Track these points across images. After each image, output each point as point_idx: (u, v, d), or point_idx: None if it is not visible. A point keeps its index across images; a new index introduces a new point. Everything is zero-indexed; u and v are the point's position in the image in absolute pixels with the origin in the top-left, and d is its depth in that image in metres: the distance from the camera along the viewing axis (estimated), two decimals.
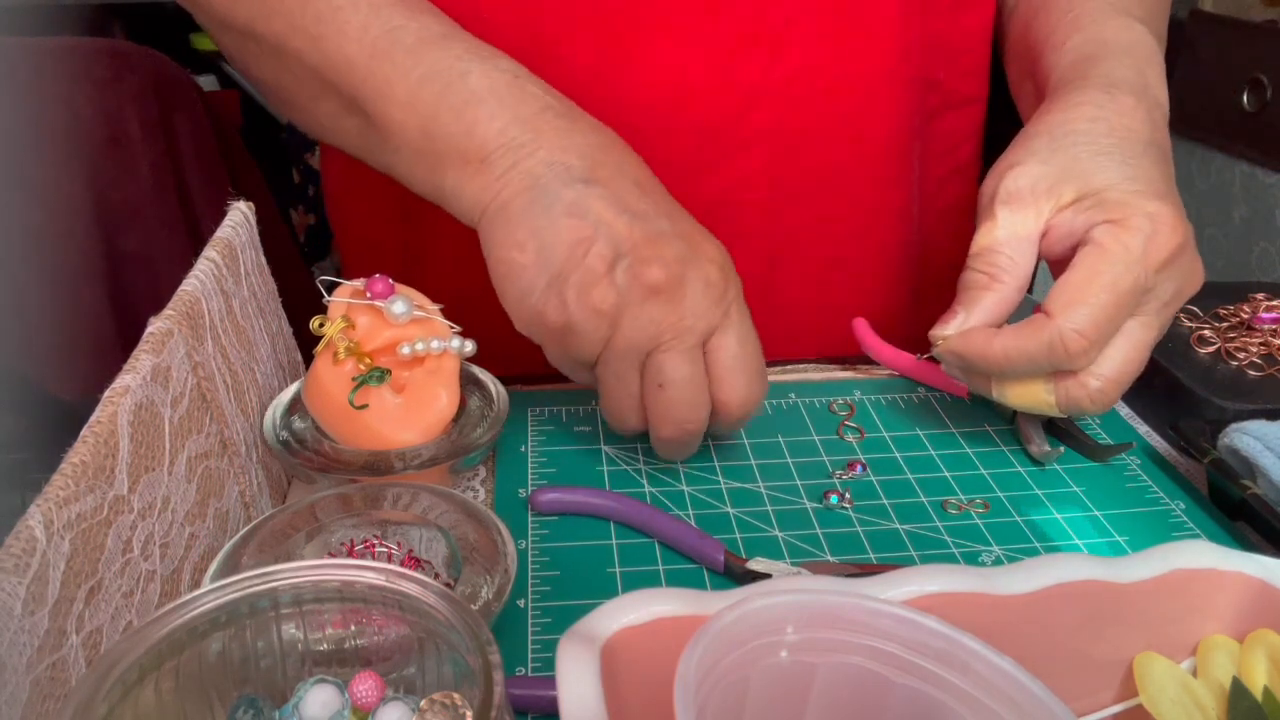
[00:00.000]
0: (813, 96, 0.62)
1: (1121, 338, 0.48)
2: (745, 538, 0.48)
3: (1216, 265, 1.44)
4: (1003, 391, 0.51)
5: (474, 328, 0.50)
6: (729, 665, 0.27)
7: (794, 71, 0.61)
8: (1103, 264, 0.46)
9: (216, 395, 0.43)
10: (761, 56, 0.60)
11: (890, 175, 0.66)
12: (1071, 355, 0.46)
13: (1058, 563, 0.33)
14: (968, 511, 0.51)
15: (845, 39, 0.61)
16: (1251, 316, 0.63)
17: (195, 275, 0.43)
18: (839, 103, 0.62)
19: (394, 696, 0.31)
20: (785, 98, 0.61)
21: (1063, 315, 0.46)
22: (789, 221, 0.65)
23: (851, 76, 0.62)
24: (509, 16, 0.58)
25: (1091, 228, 0.47)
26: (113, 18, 2.00)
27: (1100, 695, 0.35)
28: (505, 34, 0.57)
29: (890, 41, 0.62)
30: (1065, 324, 0.46)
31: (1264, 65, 1.32)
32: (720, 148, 0.61)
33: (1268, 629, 0.33)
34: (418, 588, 0.31)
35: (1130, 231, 0.46)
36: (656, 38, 0.59)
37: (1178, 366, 0.58)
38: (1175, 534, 0.50)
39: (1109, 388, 0.48)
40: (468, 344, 0.49)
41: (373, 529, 0.44)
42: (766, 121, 0.61)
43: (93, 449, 0.33)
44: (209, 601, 0.30)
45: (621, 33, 0.58)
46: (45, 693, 0.29)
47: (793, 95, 0.61)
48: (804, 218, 0.65)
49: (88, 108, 1.10)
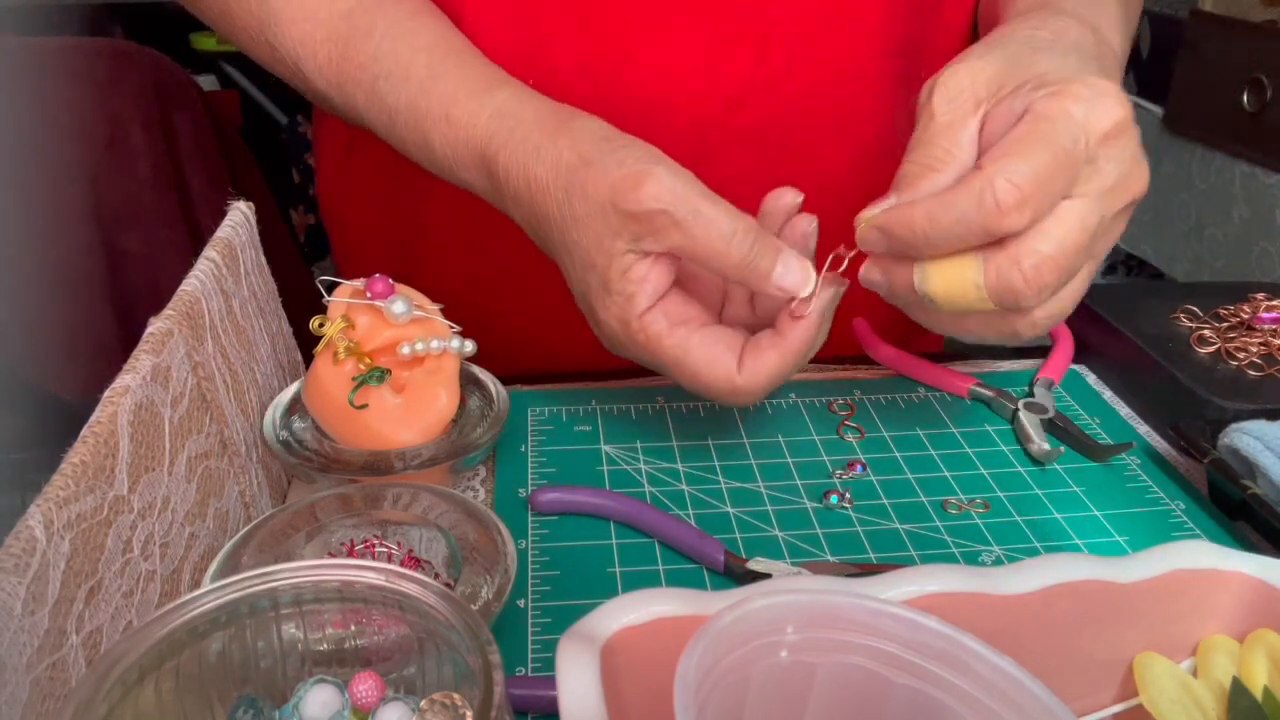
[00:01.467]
0: (800, 94, 0.62)
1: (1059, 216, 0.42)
2: (745, 538, 0.48)
3: (1216, 265, 1.44)
4: (925, 277, 0.44)
5: (474, 328, 0.50)
6: (729, 665, 0.27)
7: (781, 69, 0.61)
8: (1039, 121, 0.42)
9: (216, 395, 0.43)
10: (748, 55, 0.60)
11: (878, 171, 0.66)
12: (1003, 210, 0.40)
13: (1058, 563, 0.33)
14: (968, 511, 0.51)
15: (831, 37, 0.61)
16: (1251, 316, 0.63)
17: (195, 275, 0.43)
18: (827, 100, 0.62)
19: (394, 696, 0.31)
20: (773, 95, 0.61)
21: (993, 165, 0.41)
22: None
23: (838, 74, 0.62)
24: (497, 17, 0.58)
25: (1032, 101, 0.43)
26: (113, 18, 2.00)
27: (1100, 695, 0.35)
28: (494, 34, 0.57)
29: (875, 39, 0.62)
30: (997, 174, 0.40)
31: (1264, 65, 1.32)
32: (709, 145, 0.61)
33: (1268, 629, 0.33)
34: (418, 588, 0.31)
35: (1070, 98, 0.42)
36: (644, 37, 0.59)
37: (1178, 366, 0.58)
38: (1175, 534, 0.50)
39: (1045, 266, 0.42)
40: (468, 344, 0.49)
41: (373, 529, 0.44)
42: (755, 119, 0.61)
43: (93, 449, 0.33)
44: (209, 601, 0.30)
45: (609, 32, 0.58)
46: (45, 693, 0.29)
47: (781, 93, 0.61)
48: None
49: (88, 108, 1.10)
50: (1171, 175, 1.52)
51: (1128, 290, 0.83)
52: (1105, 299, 0.65)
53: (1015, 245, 0.42)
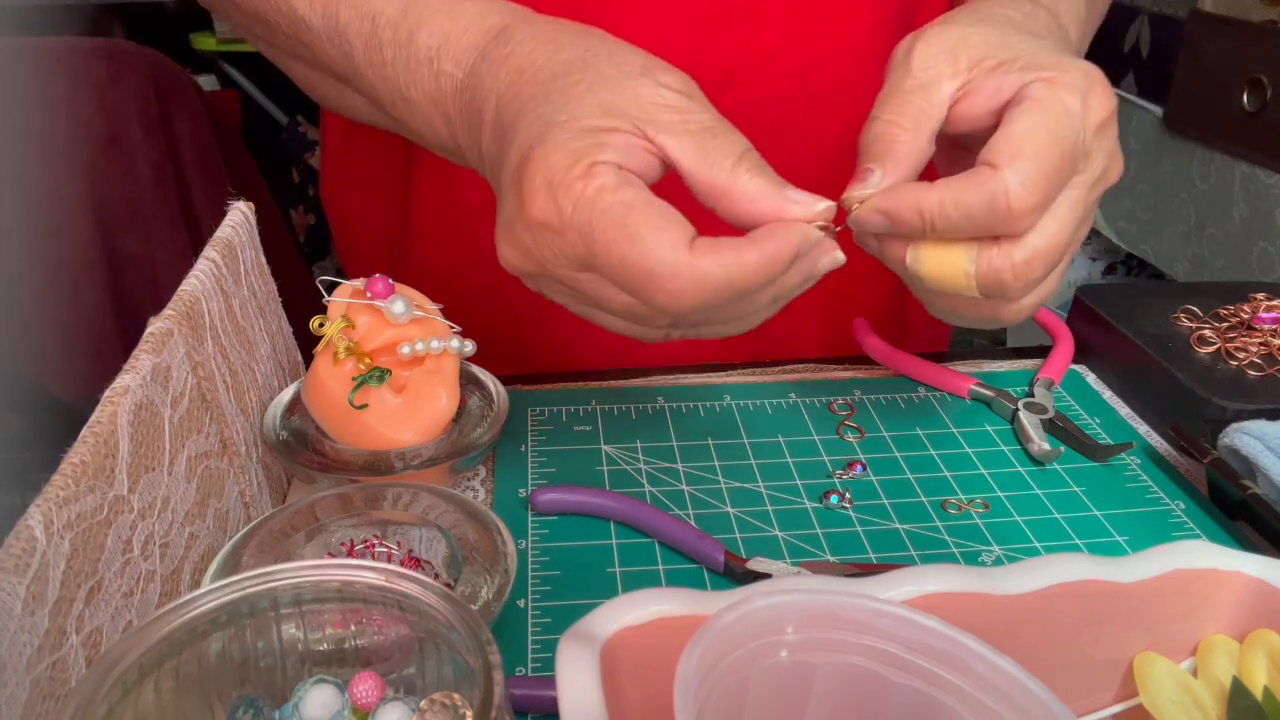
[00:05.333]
0: (788, 75, 0.61)
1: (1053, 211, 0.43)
2: (745, 538, 0.48)
3: (1216, 265, 1.44)
4: (918, 258, 0.44)
5: (474, 328, 0.50)
6: (729, 665, 0.27)
7: (771, 48, 0.60)
8: (1045, 117, 0.41)
9: (216, 395, 0.43)
10: (738, 33, 0.59)
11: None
12: (1015, 214, 0.41)
13: (1058, 563, 0.33)
14: (968, 511, 0.51)
15: (818, 17, 0.61)
16: (1251, 316, 0.63)
17: (195, 275, 0.43)
18: (815, 81, 0.62)
19: (394, 696, 0.31)
20: (763, 75, 0.61)
21: (1008, 166, 0.40)
22: None
23: (829, 53, 0.62)
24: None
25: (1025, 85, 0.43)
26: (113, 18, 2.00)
27: (1100, 695, 0.35)
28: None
29: (863, 19, 0.62)
30: (1012, 176, 0.40)
31: (1264, 65, 1.32)
32: None
33: (1268, 629, 0.33)
34: (418, 588, 0.31)
35: (1067, 89, 0.42)
36: (631, 13, 0.58)
37: (1178, 366, 0.58)
38: (1175, 534, 0.50)
39: (1036, 260, 0.42)
40: (468, 344, 0.49)
41: (373, 529, 0.44)
42: (743, 101, 0.61)
43: (93, 449, 0.33)
44: (209, 601, 0.30)
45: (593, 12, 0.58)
46: (45, 693, 0.29)
47: (771, 72, 0.61)
48: None
49: (88, 108, 1.10)
50: (1171, 175, 1.52)
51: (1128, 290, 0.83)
52: (1105, 299, 0.65)
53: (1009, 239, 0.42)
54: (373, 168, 0.69)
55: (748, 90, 0.61)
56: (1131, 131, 1.58)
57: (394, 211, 0.69)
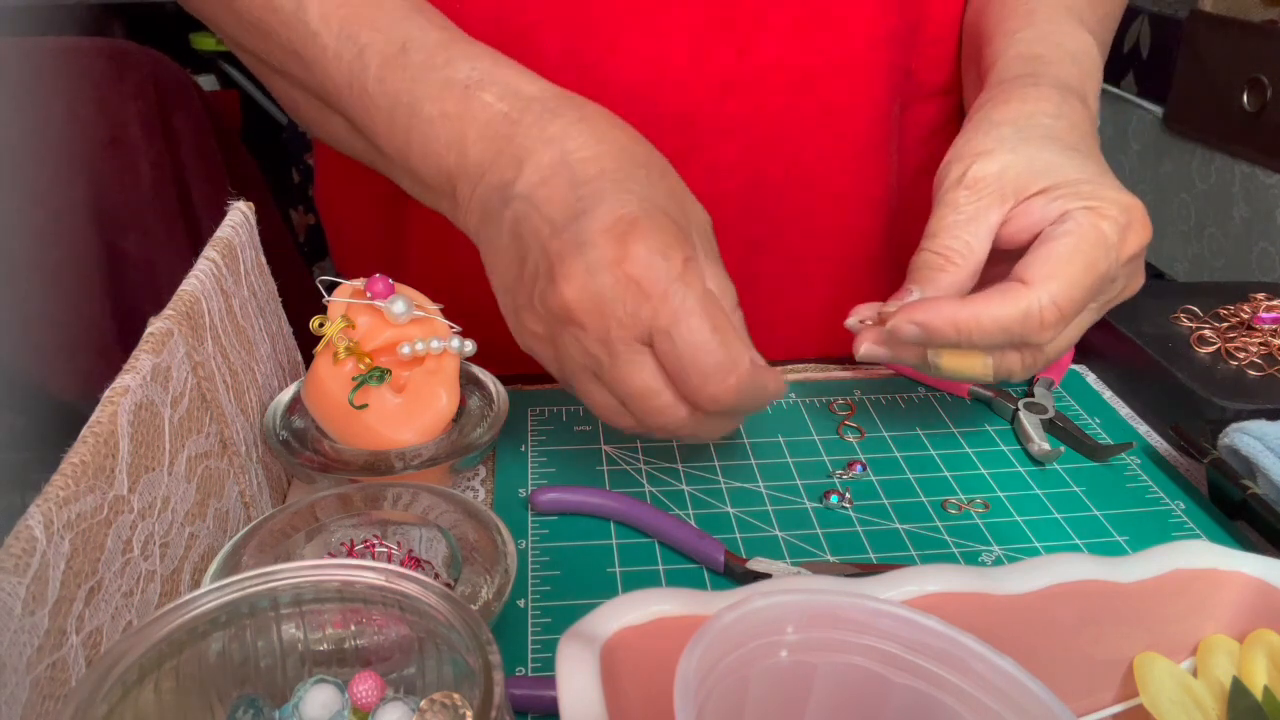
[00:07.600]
0: (788, 85, 0.61)
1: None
2: (745, 538, 0.48)
3: (1216, 265, 1.44)
4: (938, 357, 0.47)
5: (474, 328, 0.50)
6: (729, 665, 0.27)
7: (769, 60, 0.60)
8: (1084, 243, 0.45)
9: (216, 395, 0.43)
10: (736, 45, 0.59)
11: (868, 165, 0.66)
12: (1043, 328, 0.45)
13: (1058, 563, 0.33)
14: (968, 511, 0.51)
15: (819, 27, 0.61)
16: (1251, 316, 0.63)
17: (195, 275, 0.43)
18: (815, 92, 0.62)
19: (394, 696, 0.31)
20: (761, 86, 0.61)
21: (1042, 286, 0.44)
22: (767, 212, 0.65)
23: (827, 65, 0.62)
24: (482, 5, 0.58)
25: (1066, 213, 0.46)
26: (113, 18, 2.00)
27: (1100, 695, 0.35)
28: (478, 23, 0.57)
29: (864, 30, 0.62)
30: (1044, 295, 0.44)
31: (1264, 65, 1.32)
32: (696, 137, 0.61)
33: (1268, 629, 0.33)
34: (418, 588, 0.31)
35: (1108, 220, 0.46)
36: (630, 24, 0.58)
37: (1178, 366, 0.58)
38: (1175, 534, 0.50)
39: (1042, 364, 0.47)
40: (468, 344, 0.49)
41: (373, 529, 0.44)
42: (742, 110, 0.61)
43: (93, 449, 0.33)
44: (209, 601, 0.30)
45: (594, 21, 0.58)
46: (45, 693, 0.29)
47: (768, 84, 0.61)
48: (782, 208, 0.65)
49: (88, 108, 1.10)
50: (1171, 175, 1.52)
51: None
52: None
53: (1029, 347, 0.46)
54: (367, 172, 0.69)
55: (746, 102, 0.61)
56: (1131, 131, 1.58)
57: (389, 215, 0.69)
